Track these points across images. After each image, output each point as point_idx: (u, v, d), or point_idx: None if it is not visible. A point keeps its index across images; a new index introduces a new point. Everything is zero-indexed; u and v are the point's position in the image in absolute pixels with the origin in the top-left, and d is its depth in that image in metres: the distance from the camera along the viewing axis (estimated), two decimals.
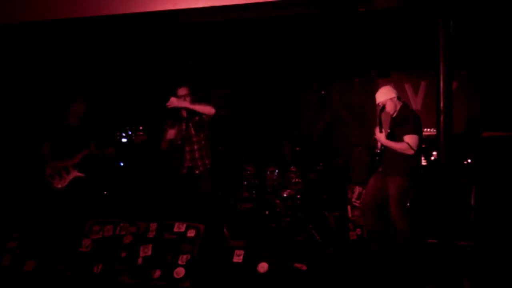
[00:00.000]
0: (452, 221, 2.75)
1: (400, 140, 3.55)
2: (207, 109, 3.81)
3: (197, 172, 3.91)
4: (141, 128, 4.94)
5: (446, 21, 2.65)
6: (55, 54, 4.58)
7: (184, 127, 3.90)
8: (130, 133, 4.75)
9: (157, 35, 4.29)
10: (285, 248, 3.13)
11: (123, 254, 3.20)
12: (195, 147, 3.92)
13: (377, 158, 3.83)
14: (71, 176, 3.86)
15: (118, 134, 4.33)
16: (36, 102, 4.76)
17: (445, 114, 2.64)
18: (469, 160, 4.19)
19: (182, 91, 3.92)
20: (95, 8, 3.14)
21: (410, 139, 3.53)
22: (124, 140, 4.97)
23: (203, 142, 3.94)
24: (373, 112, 5.48)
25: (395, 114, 3.75)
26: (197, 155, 3.92)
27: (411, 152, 3.52)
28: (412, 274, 3.21)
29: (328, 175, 5.19)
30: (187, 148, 3.90)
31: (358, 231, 4.36)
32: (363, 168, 5.25)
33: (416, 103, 5.34)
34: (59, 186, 3.84)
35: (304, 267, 2.94)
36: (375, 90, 5.45)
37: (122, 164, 5.36)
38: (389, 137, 3.64)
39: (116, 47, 4.64)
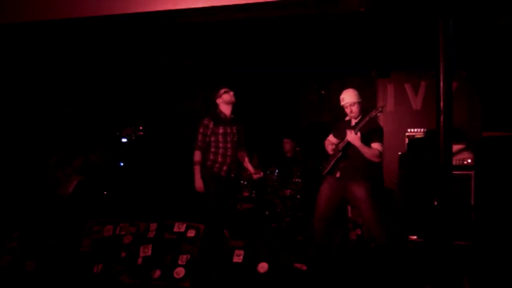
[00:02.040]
0: (452, 221, 2.75)
1: (367, 145, 3.53)
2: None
3: (233, 175, 4.02)
4: (141, 128, 4.94)
5: (446, 21, 2.64)
6: (56, 54, 4.58)
7: (229, 130, 3.99)
8: (130, 133, 4.75)
9: (157, 35, 4.29)
10: (285, 248, 3.13)
11: (123, 254, 3.20)
12: (229, 153, 3.99)
13: (331, 163, 3.72)
14: (74, 182, 3.87)
15: (118, 134, 4.34)
16: (36, 102, 4.76)
17: (445, 114, 2.64)
18: (469, 160, 4.18)
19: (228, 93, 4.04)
20: (95, 8, 3.14)
21: (380, 146, 3.55)
22: (124, 140, 4.97)
23: (238, 146, 4.07)
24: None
25: (357, 120, 3.68)
26: (234, 159, 4.04)
27: (379, 160, 3.54)
28: (412, 274, 3.20)
29: None
30: (228, 153, 3.97)
31: (358, 231, 4.36)
32: None
33: (416, 103, 5.34)
34: (65, 193, 3.85)
35: (304, 267, 2.94)
36: (375, 90, 5.50)
37: (122, 164, 5.37)
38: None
39: (116, 47, 4.64)
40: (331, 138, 3.98)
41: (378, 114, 3.53)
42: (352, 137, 3.49)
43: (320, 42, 4.57)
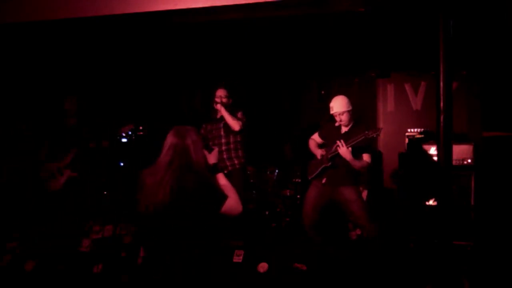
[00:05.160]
0: (452, 221, 2.75)
1: (356, 157, 3.48)
2: (232, 123, 3.91)
3: (225, 172, 3.94)
4: (141, 128, 4.95)
5: (446, 21, 2.64)
6: (55, 53, 4.58)
7: (215, 127, 4.07)
8: (130, 132, 4.75)
9: (157, 34, 4.29)
10: (285, 248, 3.13)
11: (123, 254, 3.20)
12: (223, 148, 4.00)
13: (318, 169, 3.68)
14: (65, 177, 3.85)
15: (118, 134, 4.34)
16: (34, 102, 4.76)
17: (445, 114, 2.63)
18: (469, 160, 4.18)
19: (220, 92, 4.00)
20: (95, 8, 3.14)
21: (369, 158, 3.53)
22: (124, 140, 4.97)
23: (232, 145, 4.03)
24: (373, 112, 5.51)
25: (347, 129, 3.65)
26: (225, 156, 4.00)
27: (365, 170, 3.59)
28: (412, 274, 3.21)
29: None
30: (222, 148, 4.00)
31: (358, 231, 4.36)
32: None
33: (416, 103, 5.34)
34: (55, 187, 3.83)
35: (304, 267, 2.94)
36: (375, 90, 5.50)
37: (122, 164, 5.36)
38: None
39: (116, 47, 4.64)
40: (316, 138, 3.93)
41: (375, 136, 3.41)
42: (344, 151, 3.42)
43: (321, 42, 4.56)
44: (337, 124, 3.71)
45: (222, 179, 2.28)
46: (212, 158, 2.31)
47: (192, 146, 2.12)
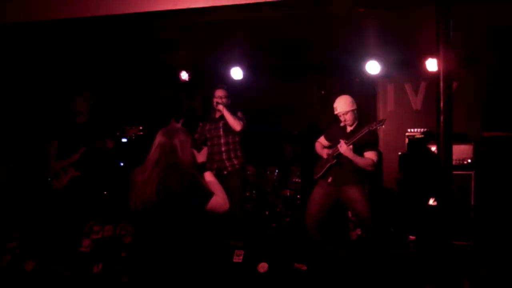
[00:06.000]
0: (452, 221, 2.75)
1: (360, 154, 3.48)
2: (234, 123, 3.90)
3: (225, 172, 3.96)
4: (141, 128, 4.95)
5: (446, 21, 2.64)
6: (55, 53, 4.58)
7: (214, 126, 4.05)
8: (134, 136, 4.76)
9: (156, 34, 4.29)
10: (285, 248, 3.13)
11: (123, 254, 3.20)
12: (222, 148, 3.99)
13: (324, 168, 3.68)
14: (68, 176, 3.85)
15: (118, 133, 4.35)
16: (37, 101, 4.76)
17: (445, 114, 2.63)
18: (469, 160, 4.18)
19: (219, 92, 4.00)
20: (95, 8, 3.14)
21: (374, 155, 3.50)
22: (124, 140, 4.97)
23: (231, 145, 4.01)
24: (373, 112, 5.52)
25: (352, 128, 3.64)
26: (224, 157, 3.99)
27: (372, 168, 3.51)
28: (412, 274, 3.21)
29: None
30: (215, 149, 3.98)
31: (358, 231, 4.36)
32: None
33: (416, 103, 5.34)
34: (57, 186, 3.84)
35: (304, 267, 2.94)
36: (375, 90, 5.50)
37: (122, 164, 5.36)
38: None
39: (117, 47, 4.64)
40: (322, 140, 3.91)
41: (379, 127, 3.40)
42: (344, 148, 3.42)
43: (320, 42, 4.56)
44: (342, 124, 3.71)
45: (208, 176, 2.29)
46: (201, 157, 2.34)
47: (179, 146, 2.14)
